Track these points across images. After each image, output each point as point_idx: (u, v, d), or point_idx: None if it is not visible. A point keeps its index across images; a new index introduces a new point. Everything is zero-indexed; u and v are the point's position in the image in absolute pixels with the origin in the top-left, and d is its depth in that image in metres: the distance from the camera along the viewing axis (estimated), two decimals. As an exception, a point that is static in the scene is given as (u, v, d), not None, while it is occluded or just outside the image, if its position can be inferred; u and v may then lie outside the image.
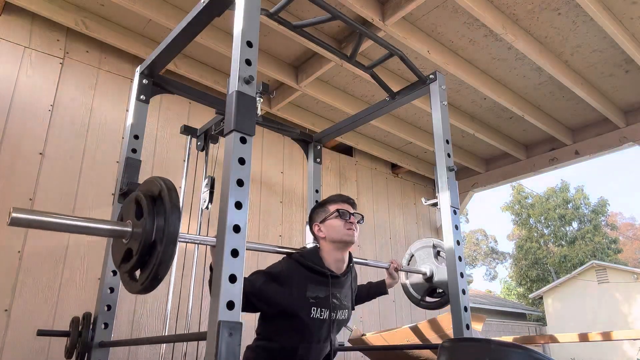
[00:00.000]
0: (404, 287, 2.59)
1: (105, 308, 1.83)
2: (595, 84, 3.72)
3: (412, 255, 2.59)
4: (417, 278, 2.52)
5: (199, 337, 1.21)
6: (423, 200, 2.52)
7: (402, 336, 3.01)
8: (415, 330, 2.97)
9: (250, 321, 1.95)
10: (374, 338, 3.21)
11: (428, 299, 2.43)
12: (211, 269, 1.27)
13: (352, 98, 3.90)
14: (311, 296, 1.74)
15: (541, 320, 20.89)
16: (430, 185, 5.51)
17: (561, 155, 4.54)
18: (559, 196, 25.91)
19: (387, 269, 2.31)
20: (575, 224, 25.58)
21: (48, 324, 2.57)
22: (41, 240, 2.67)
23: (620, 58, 3.39)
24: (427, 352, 2.80)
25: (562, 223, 25.28)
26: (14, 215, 1.13)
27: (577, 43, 3.25)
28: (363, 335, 3.32)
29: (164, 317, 2.93)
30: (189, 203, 2.74)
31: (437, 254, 2.45)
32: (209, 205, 2.51)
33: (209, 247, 1.70)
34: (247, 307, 1.70)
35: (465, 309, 1.88)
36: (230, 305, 1.14)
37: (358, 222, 1.91)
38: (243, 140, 1.30)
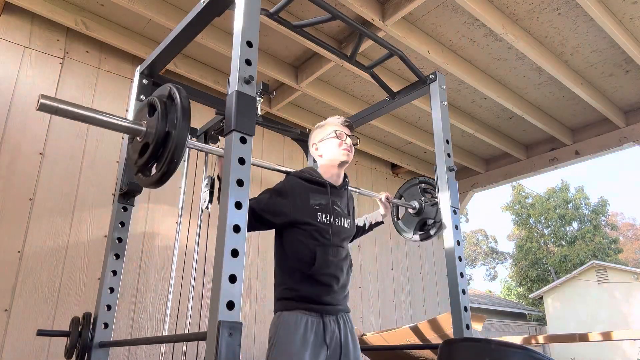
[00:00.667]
0: (396, 225, 2.65)
1: (105, 308, 1.83)
2: (595, 84, 3.72)
3: (402, 195, 2.64)
4: (408, 215, 2.60)
5: (199, 337, 1.21)
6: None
7: (402, 336, 3.02)
8: (415, 330, 2.97)
9: (250, 321, 1.95)
10: (374, 338, 3.21)
11: (420, 232, 2.49)
12: (219, 179, 1.34)
13: (352, 98, 3.90)
14: (315, 203, 1.85)
15: (541, 320, 20.88)
16: (430, 185, 5.51)
17: (561, 155, 4.54)
18: (559, 196, 25.88)
19: (380, 199, 2.39)
20: (575, 224, 25.55)
21: (48, 324, 2.57)
22: (41, 240, 2.67)
23: (620, 58, 3.39)
24: (427, 352, 2.81)
25: (562, 223, 25.25)
26: (42, 101, 1.25)
27: (577, 43, 3.25)
28: (363, 335, 3.33)
29: (163, 317, 2.93)
30: (189, 203, 2.74)
31: (424, 190, 2.52)
32: (209, 205, 2.51)
33: (216, 157, 1.82)
34: (259, 224, 1.80)
35: (465, 309, 1.88)
36: (230, 305, 1.14)
37: (354, 144, 2.01)
38: (243, 140, 1.31)
